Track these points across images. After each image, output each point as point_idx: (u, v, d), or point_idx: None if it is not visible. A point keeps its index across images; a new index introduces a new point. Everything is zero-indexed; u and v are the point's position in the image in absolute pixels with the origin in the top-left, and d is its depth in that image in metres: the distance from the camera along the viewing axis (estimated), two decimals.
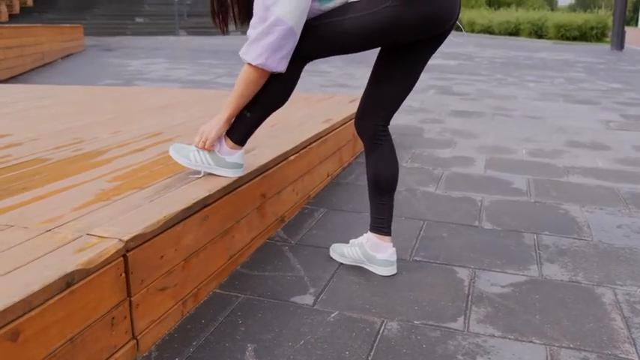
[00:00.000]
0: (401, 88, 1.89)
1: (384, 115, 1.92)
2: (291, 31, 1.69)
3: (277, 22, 1.67)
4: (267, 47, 1.69)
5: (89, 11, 18.37)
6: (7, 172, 2.07)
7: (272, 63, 1.72)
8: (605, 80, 8.15)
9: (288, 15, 1.66)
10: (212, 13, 1.89)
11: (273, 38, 1.68)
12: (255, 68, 1.74)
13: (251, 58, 1.72)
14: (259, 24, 1.70)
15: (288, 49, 1.72)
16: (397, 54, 1.84)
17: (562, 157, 3.63)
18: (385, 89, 1.89)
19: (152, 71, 8.30)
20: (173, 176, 2.00)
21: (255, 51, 1.71)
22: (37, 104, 3.78)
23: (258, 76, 1.76)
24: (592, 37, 18.69)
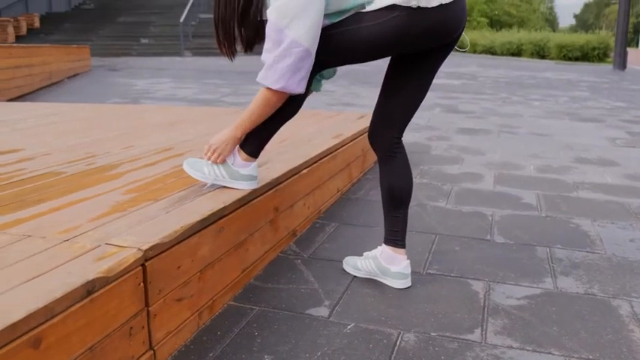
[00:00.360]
0: (412, 98, 1.90)
1: (397, 126, 1.94)
2: (307, 52, 1.70)
3: (293, 45, 1.67)
4: (286, 70, 1.70)
5: (95, 33, 18.53)
6: (23, 185, 2.08)
7: (292, 85, 1.73)
8: (609, 99, 8.17)
9: (303, 36, 1.67)
10: (218, 41, 1.89)
11: (291, 61, 1.69)
12: (274, 92, 1.75)
13: (270, 83, 1.72)
14: (274, 48, 1.70)
15: (305, 70, 1.73)
16: (407, 64, 1.86)
17: (570, 173, 3.63)
18: (397, 100, 1.90)
19: (158, 90, 8.36)
20: (187, 189, 2.00)
21: (274, 75, 1.71)
22: (46, 121, 3.81)
23: (277, 99, 1.77)
24: (594, 58, 18.80)
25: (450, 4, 1.71)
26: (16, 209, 1.77)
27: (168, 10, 20.72)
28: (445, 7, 1.70)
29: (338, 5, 1.73)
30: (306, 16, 1.66)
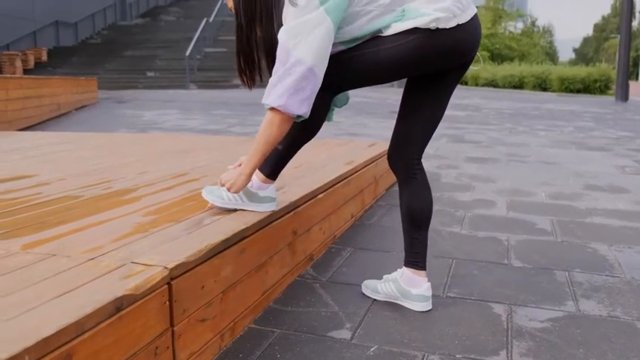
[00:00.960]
0: (430, 118, 1.91)
1: (417, 147, 1.94)
2: (312, 71, 1.68)
3: (296, 63, 1.67)
4: (287, 88, 1.68)
5: (101, 66, 18.77)
6: (41, 208, 2.08)
7: (293, 104, 1.69)
8: (614, 129, 8.21)
9: (308, 55, 1.67)
10: (239, 70, 1.90)
11: (293, 78, 1.67)
12: (276, 112, 1.73)
13: (271, 101, 1.71)
14: (280, 67, 1.71)
15: (308, 91, 1.70)
16: (423, 85, 1.88)
17: (582, 200, 3.62)
18: (415, 120, 1.91)
19: (166, 121, 8.42)
20: (207, 211, 2.00)
21: (275, 94, 1.70)
22: (58, 149, 3.83)
23: (280, 121, 1.74)
24: (596, 90, 18.96)
25: (466, 23, 1.74)
26: (37, 230, 1.77)
27: (174, 45, 21.01)
28: (461, 27, 1.73)
29: (352, 33, 1.75)
30: (313, 37, 1.67)
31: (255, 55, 1.88)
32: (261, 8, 1.80)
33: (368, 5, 1.73)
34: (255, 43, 1.86)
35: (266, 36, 1.82)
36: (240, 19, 1.83)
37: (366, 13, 1.73)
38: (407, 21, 1.70)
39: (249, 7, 1.81)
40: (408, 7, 1.71)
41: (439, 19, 1.68)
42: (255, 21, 1.82)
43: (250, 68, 1.90)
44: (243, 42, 1.86)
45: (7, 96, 6.53)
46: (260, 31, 1.83)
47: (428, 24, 1.68)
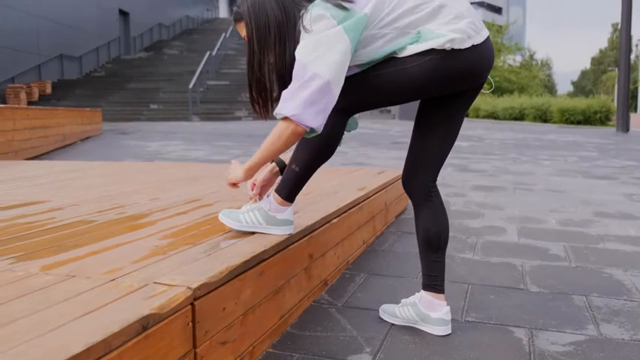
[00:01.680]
0: (444, 139, 1.91)
1: (432, 169, 1.94)
2: (328, 85, 1.68)
3: (314, 77, 1.68)
4: (303, 100, 1.68)
5: (105, 99, 18.94)
6: (56, 232, 2.07)
7: (307, 116, 1.68)
8: (618, 158, 8.23)
9: (325, 69, 1.68)
10: (251, 100, 1.91)
11: (310, 91, 1.68)
12: (289, 123, 1.71)
13: (286, 111, 1.70)
14: (296, 81, 1.71)
15: (324, 104, 1.70)
16: (436, 107, 1.88)
17: (593, 227, 3.61)
18: (429, 142, 1.91)
19: (170, 152, 8.45)
20: (224, 234, 1.99)
21: (291, 104, 1.69)
22: (68, 176, 3.83)
23: (291, 132, 1.72)
24: (596, 121, 19.06)
25: (481, 44, 1.75)
26: (55, 253, 1.76)
27: (177, 77, 21.25)
28: (476, 48, 1.74)
29: (369, 55, 1.77)
30: (330, 53, 1.69)
31: (268, 82, 1.88)
32: (275, 34, 1.81)
33: (384, 28, 1.75)
34: (267, 70, 1.87)
35: (279, 63, 1.83)
36: (253, 46, 1.84)
37: (382, 35, 1.75)
38: (423, 42, 1.72)
39: (263, 34, 1.82)
40: (423, 29, 1.73)
41: (454, 39, 1.69)
42: (269, 47, 1.83)
43: (263, 97, 1.91)
44: (256, 69, 1.86)
45: (14, 126, 6.57)
46: (273, 57, 1.84)
47: (443, 45, 1.69)
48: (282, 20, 1.82)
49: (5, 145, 6.37)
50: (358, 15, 1.72)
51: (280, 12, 1.82)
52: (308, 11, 1.76)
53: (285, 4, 1.83)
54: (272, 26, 1.81)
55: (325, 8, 1.72)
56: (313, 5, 1.77)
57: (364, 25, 1.72)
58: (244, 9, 1.85)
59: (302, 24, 1.76)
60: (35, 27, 19.07)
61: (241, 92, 20.17)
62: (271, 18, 1.81)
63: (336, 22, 1.70)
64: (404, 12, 1.73)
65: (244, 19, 1.86)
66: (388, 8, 1.74)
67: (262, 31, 1.82)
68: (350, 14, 1.72)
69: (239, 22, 1.90)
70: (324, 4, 1.74)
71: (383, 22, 1.74)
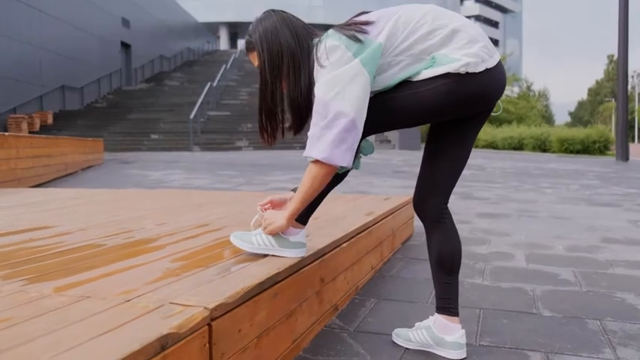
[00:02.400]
0: (456, 162, 1.91)
1: (444, 191, 1.94)
2: (353, 123, 1.70)
3: (338, 115, 1.69)
4: (331, 140, 1.70)
5: (106, 129, 19.02)
6: (66, 255, 2.06)
7: (337, 156, 1.71)
8: (620, 186, 8.24)
9: (349, 107, 1.69)
10: (260, 127, 1.92)
11: (336, 131, 1.69)
12: (320, 165, 1.74)
13: (316, 154, 1.72)
14: (320, 120, 1.72)
15: (350, 142, 1.72)
16: (448, 128, 1.88)
17: (600, 252, 3.59)
18: (441, 165, 1.91)
19: (173, 180, 8.45)
20: (236, 257, 1.98)
21: (320, 146, 1.71)
22: (73, 202, 3.82)
23: (324, 172, 1.76)
24: (595, 151, 19.14)
25: (494, 68, 1.77)
26: (67, 275, 1.74)
27: (178, 108, 21.39)
28: (490, 72, 1.76)
29: (384, 82, 1.78)
30: (351, 89, 1.70)
31: (279, 111, 1.89)
32: (289, 63, 1.82)
33: (399, 56, 1.76)
34: (279, 99, 1.88)
35: (293, 92, 1.83)
36: (266, 76, 1.84)
37: (397, 63, 1.77)
38: (437, 67, 1.73)
39: (276, 63, 1.82)
40: (437, 55, 1.75)
41: (469, 63, 1.71)
42: (282, 77, 1.84)
43: (272, 125, 1.91)
44: (267, 98, 1.87)
45: (17, 154, 6.58)
46: (286, 86, 1.85)
47: (458, 69, 1.70)
48: (295, 49, 1.83)
49: (9, 173, 6.37)
50: (373, 45, 1.73)
51: (293, 40, 1.83)
52: (321, 42, 1.78)
53: (298, 33, 1.85)
54: (285, 55, 1.82)
55: (339, 39, 1.74)
56: (327, 36, 1.78)
57: (380, 54, 1.74)
58: (256, 38, 1.86)
59: (316, 55, 1.77)
60: (38, 58, 19.26)
61: (242, 123, 20.29)
62: (284, 47, 1.82)
63: (351, 53, 1.72)
64: (418, 38, 1.75)
65: (256, 49, 1.86)
66: (402, 35, 1.76)
67: (275, 60, 1.82)
68: (365, 45, 1.73)
69: (251, 52, 1.90)
70: (337, 34, 1.76)
71: (397, 49, 1.76)
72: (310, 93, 1.84)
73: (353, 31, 1.75)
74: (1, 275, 1.74)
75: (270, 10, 1.91)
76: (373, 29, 1.77)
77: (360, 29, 1.76)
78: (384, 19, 1.79)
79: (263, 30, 1.85)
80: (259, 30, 1.86)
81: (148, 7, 28.95)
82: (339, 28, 1.79)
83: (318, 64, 1.77)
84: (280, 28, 1.84)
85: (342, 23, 1.83)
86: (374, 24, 1.78)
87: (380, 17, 1.80)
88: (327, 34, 1.79)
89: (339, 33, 1.76)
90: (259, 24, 1.87)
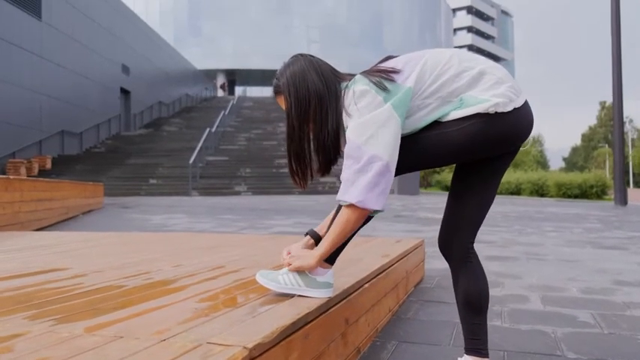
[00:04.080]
0: (483, 201, 1.91)
1: (471, 231, 1.94)
2: (387, 167, 1.72)
3: (372, 159, 1.70)
4: (365, 184, 1.71)
5: (104, 174, 19.03)
6: (89, 296, 2.03)
7: (371, 200, 1.72)
8: (622, 230, 8.24)
9: (382, 150, 1.71)
10: (291, 172, 1.93)
11: (370, 175, 1.71)
12: (354, 208, 1.74)
13: (350, 198, 1.72)
14: (354, 164, 1.73)
15: (384, 185, 1.73)
16: (473, 169, 1.89)
17: (615, 295, 3.57)
18: (468, 204, 1.91)
19: (175, 224, 8.42)
20: (262, 297, 1.95)
21: (354, 191, 1.72)
22: (84, 245, 3.79)
23: (357, 216, 1.76)
24: (592, 195, 19.23)
25: (521, 107, 1.79)
26: (94, 315, 1.72)
27: (176, 153, 21.48)
28: (518, 111, 1.78)
29: (413, 125, 1.80)
30: (383, 132, 1.72)
31: (308, 155, 1.90)
32: (316, 107, 1.83)
33: (427, 99, 1.79)
34: (307, 143, 1.89)
35: (321, 134, 1.84)
36: (292, 120, 1.85)
37: (425, 105, 1.79)
38: (466, 108, 1.75)
39: (304, 107, 1.83)
40: (465, 96, 1.77)
41: (498, 104, 1.73)
42: (309, 120, 1.85)
43: (303, 169, 1.92)
44: (295, 142, 1.87)
45: (21, 197, 6.56)
46: (314, 129, 1.86)
47: (487, 109, 1.73)
48: (323, 91, 1.84)
49: (12, 216, 6.34)
50: (403, 89, 1.76)
51: (321, 83, 1.85)
52: (349, 87, 1.80)
53: (325, 76, 1.87)
54: (312, 98, 1.83)
55: (368, 84, 1.76)
56: (355, 81, 1.81)
57: (410, 98, 1.76)
58: (283, 82, 1.87)
59: (345, 100, 1.79)
60: (38, 104, 19.42)
61: (240, 168, 20.36)
62: (312, 90, 1.83)
63: (382, 98, 1.74)
64: (446, 81, 1.78)
65: (283, 93, 1.88)
66: (430, 78, 1.78)
67: (303, 103, 1.83)
68: (394, 89, 1.76)
69: (279, 95, 1.91)
70: (365, 79, 1.78)
71: (426, 92, 1.78)
72: (338, 135, 1.85)
73: (380, 78, 1.78)
74: (29, 316, 1.72)
75: (298, 55, 1.94)
76: (400, 76, 1.79)
77: (388, 77, 1.78)
78: (410, 65, 1.82)
79: (290, 74, 1.87)
80: (287, 74, 1.88)
81: (147, 55, 29.41)
82: (366, 74, 1.81)
83: (347, 109, 1.78)
84: (308, 72, 1.86)
85: (369, 68, 1.86)
86: (401, 72, 1.80)
87: (406, 63, 1.83)
88: (355, 80, 1.81)
89: (367, 78, 1.78)
90: (287, 68, 1.89)
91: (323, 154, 1.87)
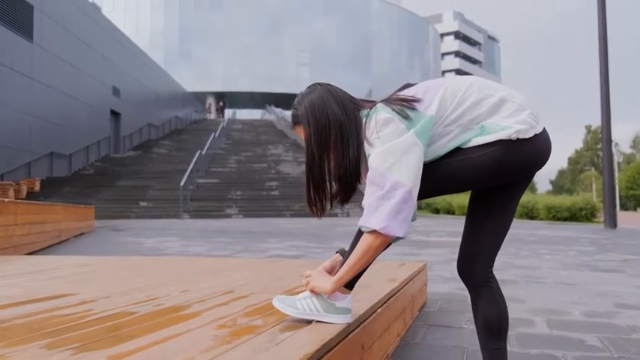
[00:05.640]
0: (501, 225, 1.92)
1: (490, 255, 1.95)
2: (410, 193, 1.71)
3: (396, 186, 1.70)
4: (389, 211, 1.70)
5: (94, 196, 18.88)
6: (103, 323, 2.00)
7: (395, 227, 1.71)
8: (615, 252, 8.29)
9: (405, 177, 1.71)
10: (309, 201, 1.91)
11: (394, 202, 1.70)
12: (377, 235, 1.74)
13: (374, 224, 1.72)
14: (377, 191, 1.73)
15: (407, 212, 1.73)
16: (495, 192, 1.89)
17: (619, 318, 3.57)
18: (486, 228, 1.92)
19: (169, 247, 8.35)
20: (281, 323, 1.93)
21: (378, 217, 1.72)
22: (84, 270, 3.75)
23: (380, 242, 1.76)
24: (582, 218, 19.35)
25: (541, 133, 1.81)
26: (114, 344, 1.69)
27: (167, 175, 21.42)
28: (538, 137, 1.79)
29: (435, 152, 1.81)
30: (406, 159, 1.72)
31: (328, 184, 1.90)
32: (336, 136, 1.83)
33: (449, 126, 1.80)
34: (327, 172, 1.88)
35: (342, 163, 1.83)
36: (312, 150, 1.85)
37: (447, 133, 1.80)
38: (488, 135, 1.77)
39: (323, 136, 1.83)
40: (486, 124, 1.78)
41: (520, 130, 1.75)
42: (329, 149, 1.85)
43: (321, 198, 1.91)
44: (315, 172, 1.87)
45: (15, 221, 6.49)
46: (334, 158, 1.85)
47: (510, 135, 1.74)
48: (343, 119, 1.84)
49: (6, 240, 6.25)
50: (426, 117, 1.77)
51: (341, 111, 1.84)
52: (371, 116, 1.80)
53: (344, 104, 1.87)
54: (333, 127, 1.82)
55: (391, 112, 1.77)
56: (376, 109, 1.81)
57: (432, 126, 1.77)
58: (302, 112, 1.87)
59: (367, 128, 1.79)
60: (28, 125, 19.31)
61: (231, 190, 20.31)
62: (332, 119, 1.83)
63: (405, 125, 1.75)
64: (467, 108, 1.79)
65: (302, 123, 1.87)
66: (452, 106, 1.80)
67: (322, 132, 1.83)
68: (416, 117, 1.77)
69: (297, 125, 1.90)
70: (387, 107, 1.79)
71: (447, 120, 1.79)
72: (359, 164, 1.84)
73: (402, 107, 1.78)
74: (45, 344, 1.68)
75: (316, 84, 1.94)
76: (421, 105, 1.80)
77: (410, 105, 1.79)
78: (430, 93, 1.83)
79: (309, 103, 1.86)
80: (305, 103, 1.87)
81: (138, 77, 29.45)
82: (387, 102, 1.82)
83: (369, 138, 1.78)
84: (327, 100, 1.86)
85: (389, 97, 1.87)
86: (421, 101, 1.81)
87: (426, 91, 1.84)
88: (377, 108, 1.81)
89: (389, 107, 1.79)
90: (305, 97, 1.89)
91: (344, 183, 1.87)
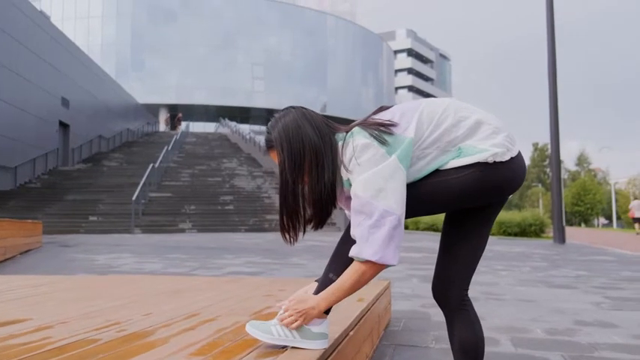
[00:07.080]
0: (475, 248, 1.93)
1: (465, 278, 1.94)
2: (399, 220, 1.70)
3: (385, 214, 1.68)
4: (382, 240, 1.68)
5: (41, 210, 18.26)
6: (66, 352, 1.88)
7: (389, 255, 1.69)
8: (567, 268, 8.49)
9: (393, 204, 1.69)
10: (282, 228, 1.87)
11: (386, 230, 1.68)
12: (371, 265, 1.71)
13: (368, 255, 1.69)
14: (366, 220, 1.70)
15: (398, 239, 1.71)
16: (469, 215, 1.90)
17: (579, 335, 3.63)
18: (461, 251, 1.92)
19: (122, 264, 8.10)
20: (255, 349, 1.87)
21: (372, 247, 1.69)
22: (38, 291, 3.57)
23: (374, 271, 1.73)
24: (531, 233, 19.80)
25: (517, 156, 1.82)
26: None
27: (117, 189, 20.91)
28: (514, 160, 1.80)
29: (413, 175, 1.80)
30: (392, 185, 1.70)
31: (302, 210, 1.85)
32: (311, 160, 1.79)
33: (426, 149, 1.78)
34: (302, 197, 1.84)
35: (315, 188, 1.79)
36: (286, 176, 1.80)
37: (424, 156, 1.79)
38: (465, 157, 1.76)
39: (297, 161, 1.78)
40: (463, 146, 1.78)
41: (497, 153, 1.75)
42: (304, 174, 1.80)
43: (294, 225, 1.87)
44: (289, 198, 1.82)
45: None
46: (308, 182, 1.81)
47: (487, 158, 1.74)
48: (318, 143, 1.79)
49: None
50: (405, 141, 1.75)
51: (316, 135, 1.80)
52: (348, 140, 1.76)
53: (319, 128, 1.83)
54: (307, 151, 1.78)
55: (368, 137, 1.74)
56: (352, 134, 1.77)
57: (412, 150, 1.76)
58: (275, 136, 1.82)
59: (345, 155, 1.76)
60: None
61: (184, 205, 19.97)
62: (306, 142, 1.78)
63: (384, 150, 1.72)
64: (444, 131, 1.78)
65: (276, 147, 1.82)
66: (429, 129, 1.79)
67: (296, 157, 1.78)
68: (394, 142, 1.74)
69: (271, 150, 1.85)
70: (365, 132, 1.76)
71: (425, 143, 1.78)
72: (334, 188, 1.81)
73: (379, 131, 1.76)
74: None
75: (290, 107, 1.89)
76: (398, 129, 1.78)
77: (387, 130, 1.77)
78: (407, 116, 1.81)
79: (283, 127, 1.81)
80: (279, 127, 1.82)
81: (88, 88, 28.73)
82: (364, 126, 1.79)
83: (347, 164, 1.75)
84: (301, 124, 1.81)
85: (365, 120, 1.84)
86: (398, 125, 1.79)
87: (403, 115, 1.82)
88: (353, 133, 1.78)
89: (366, 131, 1.76)
90: (278, 121, 1.84)
91: (319, 207, 1.82)
